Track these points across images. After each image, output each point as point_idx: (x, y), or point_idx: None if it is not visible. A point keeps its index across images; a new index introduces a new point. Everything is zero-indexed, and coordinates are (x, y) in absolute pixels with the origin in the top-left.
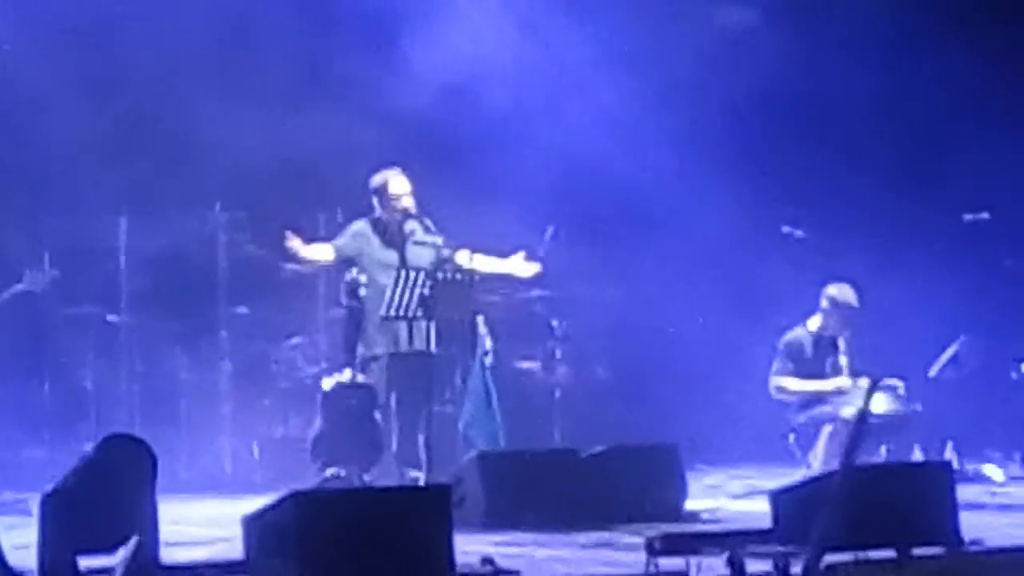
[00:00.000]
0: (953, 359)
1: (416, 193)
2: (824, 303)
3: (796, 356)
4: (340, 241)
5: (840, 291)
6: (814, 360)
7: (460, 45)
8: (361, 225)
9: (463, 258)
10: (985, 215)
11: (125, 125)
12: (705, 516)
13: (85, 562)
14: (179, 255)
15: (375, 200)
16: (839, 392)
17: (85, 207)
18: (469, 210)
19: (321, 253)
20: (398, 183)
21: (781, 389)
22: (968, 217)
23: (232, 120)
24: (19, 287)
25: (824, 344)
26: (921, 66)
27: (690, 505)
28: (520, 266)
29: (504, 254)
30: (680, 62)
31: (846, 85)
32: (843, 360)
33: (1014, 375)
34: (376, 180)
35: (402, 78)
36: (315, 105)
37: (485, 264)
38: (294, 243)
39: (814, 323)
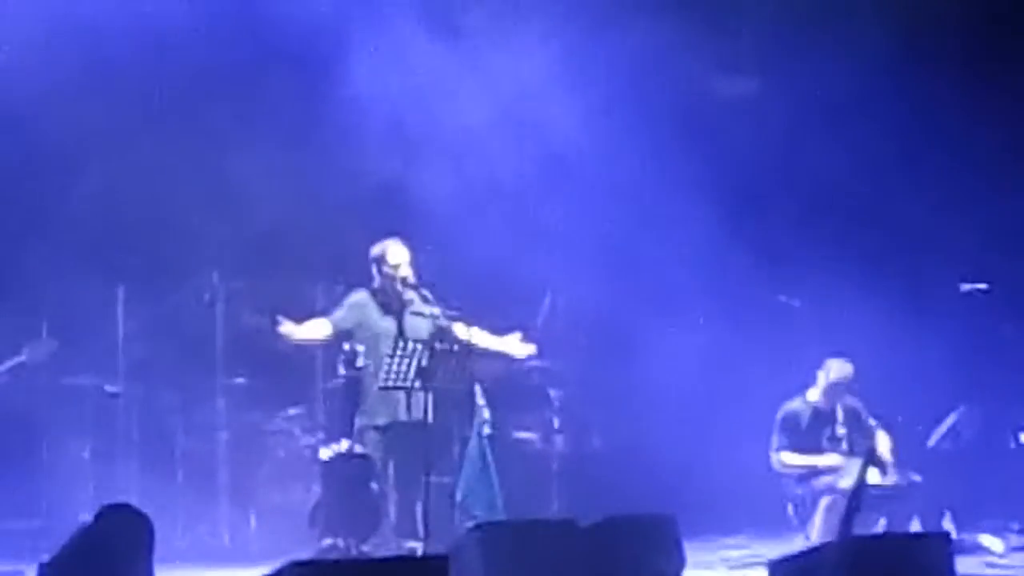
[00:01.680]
0: (951, 429)
1: (415, 263)
2: (820, 376)
3: (793, 429)
4: (338, 315)
5: (836, 365)
6: (811, 432)
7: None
8: (359, 296)
9: (460, 330)
10: (982, 285)
11: (122, 193)
12: None
13: None
14: (177, 324)
15: (374, 269)
16: (834, 467)
17: (83, 276)
18: (467, 279)
19: (317, 331)
20: (397, 252)
21: (782, 463)
22: (965, 287)
23: (231, 189)
24: (19, 359)
25: (821, 415)
26: (917, 133)
27: (688, 574)
28: (516, 346)
29: (501, 328)
30: (671, 132)
31: (840, 153)
32: (840, 430)
33: (1012, 444)
34: (375, 249)
35: (396, 147)
36: (313, 174)
37: (481, 339)
38: (286, 328)
39: (812, 394)
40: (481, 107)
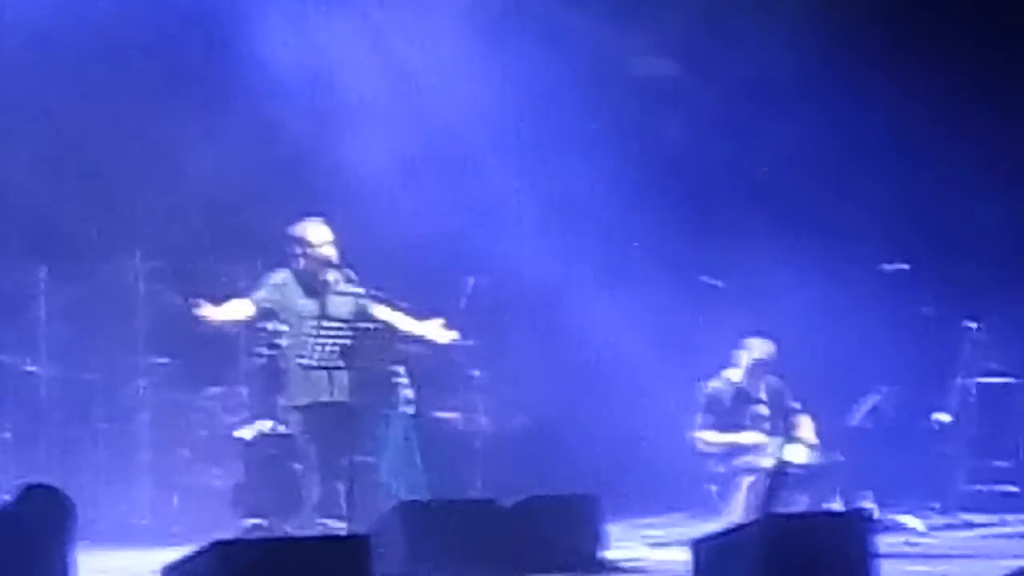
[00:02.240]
0: (872, 408)
1: (338, 243)
2: (743, 355)
3: (716, 407)
4: (259, 295)
5: (758, 344)
6: (733, 411)
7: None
8: (281, 275)
9: (382, 312)
10: (904, 266)
11: (46, 171)
12: (625, 566)
13: None
14: (97, 304)
15: (296, 248)
16: (756, 446)
17: (4, 256)
18: (391, 258)
19: (238, 311)
20: (319, 232)
21: (704, 442)
22: (887, 267)
23: (154, 168)
24: None
25: (743, 395)
26: (840, 114)
27: (611, 554)
28: (437, 332)
29: (423, 307)
30: (597, 113)
31: (762, 136)
32: (763, 410)
33: (932, 424)
34: (296, 230)
35: (322, 127)
36: (236, 153)
37: (403, 323)
38: (205, 310)
39: (733, 374)
40: (399, 84)
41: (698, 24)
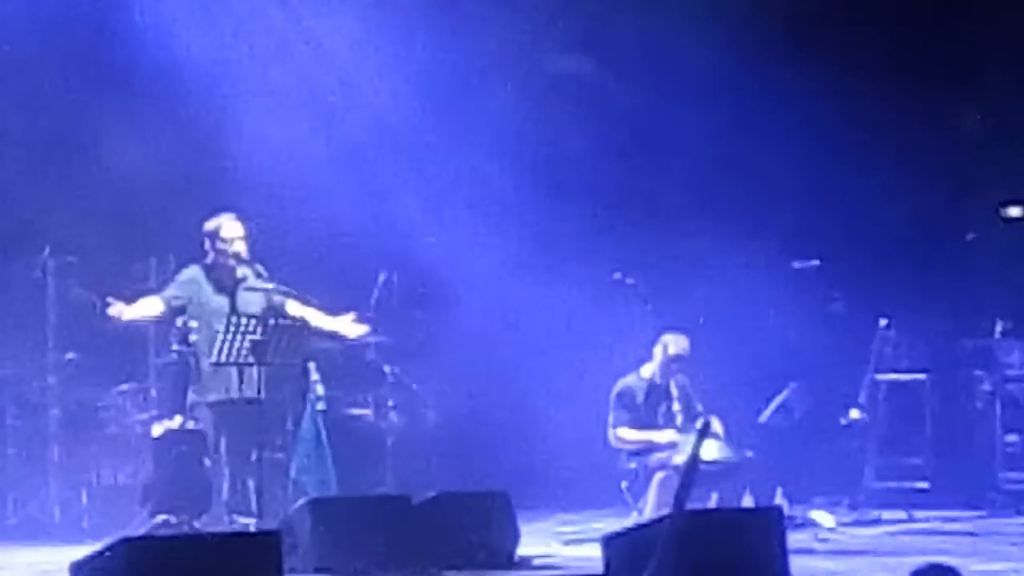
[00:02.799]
0: (783, 405)
1: (249, 238)
2: (657, 351)
3: (629, 404)
4: (169, 292)
5: (672, 339)
6: (646, 408)
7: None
8: (192, 271)
9: (293, 308)
10: (815, 262)
11: None
12: (537, 562)
13: None
14: (6, 299)
15: (207, 244)
16: (669, 443)
17: None
18: (301, 254)
19: (149, 308)
20: (231, 227)
21: (619, 439)
22: (797, 264)
23: (64, 162)
24: None
25: (657, 391)
26: (755, 112)
27: (522, 551)
28: (348, 327)
29: (334, 303)
30: (504, 110)
31: (677, 133)
32: (676, 406)
33: (843, 420)
34: (209, 225)
35: (232, 122)
36: (147, 148)
37: (314, 318)
38: (116, 309)
39: (647, 370)
40: (311, 77)
41: (612, 20)
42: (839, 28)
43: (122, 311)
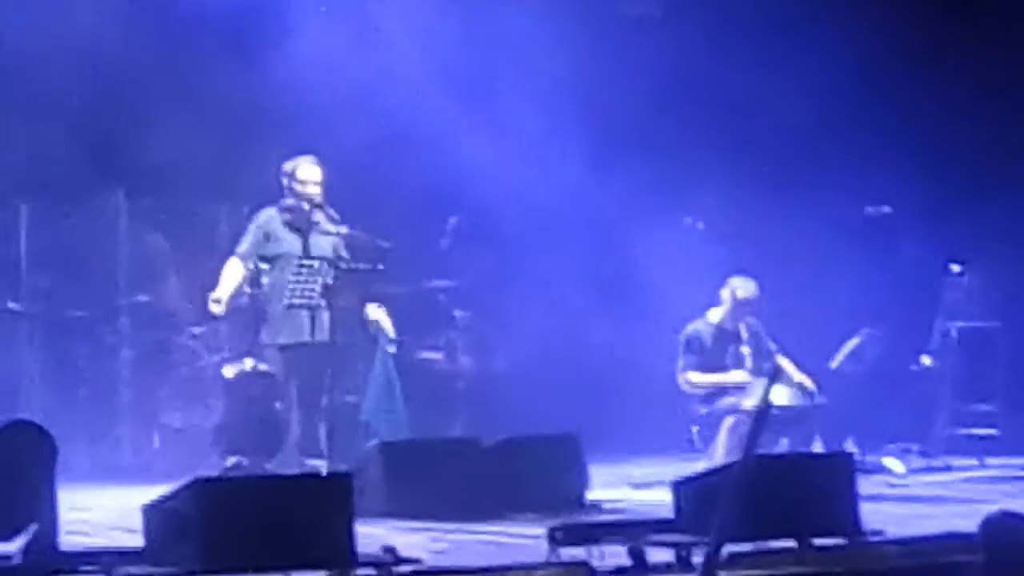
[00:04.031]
0: (854, 352)
1: (326, 184)
2: (725, 295)
3: (698, 349)
4: (244, 247)
5: (741, 283)
6: (715, 352)
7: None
8: (266, 214)
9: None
10: (886, 208)
11: (29, 110)
12: (607, 506)
13: None
14: (81, 242)
15: (285, 183)
16: (741, 385)
17: None
18: (374, 197)
19: (237, 276)
20: (309, 170)
21: (689, 383)
22: (869, 210)
23: (139, 107)
24: None
25: (725, 335)
26: (821, 57)
27: (592, 495)
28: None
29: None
30: (575, 54)
31: (745, 79)
32: (745, 350)
33: (914, 367)
34: (288, 165)
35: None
36: (218, 92)
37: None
38: (217, 306)
39: (715, 315)
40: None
41: None
42: None
43: (222, 297)
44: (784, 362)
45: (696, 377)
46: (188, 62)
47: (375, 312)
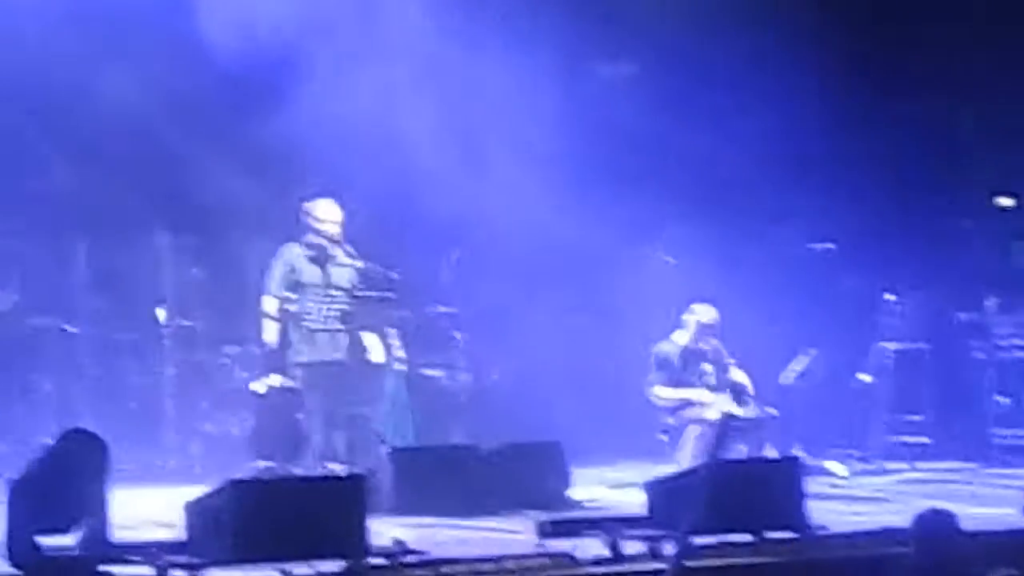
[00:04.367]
0: (802, 370)
1: (343, 222)
2: (689, 319)
3: (666, 366)
4: (273, 284)
5: (703, 309)
6: (681, 369)
7: (369, 102)
8: (290, 249)
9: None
10: (829, 245)
11: (87, 158)
12: (587, 504)
13: (46, 540)
14: (130, 274)
15: (306, 221)
16: (701, 401)
17: (50, 234)
18: (385, 235)
19: (272, 311)
20: (328, 210)
21: (657, 396)
22: (814, 246)
23: (181, 157)
24: None
25: (689, 354)
26: (772, 114)
27: (573, 494)
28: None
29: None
30: (559, 108)
31: (708, 132)
32: (707, 367)
33: (854, 383)
34: (308, 205)
35: (324, 126)
36: (254, 144)
37: None
38: (271, 341)
39: (680, 336)
40: (385, 77)
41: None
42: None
43: (270, 340)
44: (741, 376)
45: (663, 391)
46: (224, 116)
47: (386, 334)
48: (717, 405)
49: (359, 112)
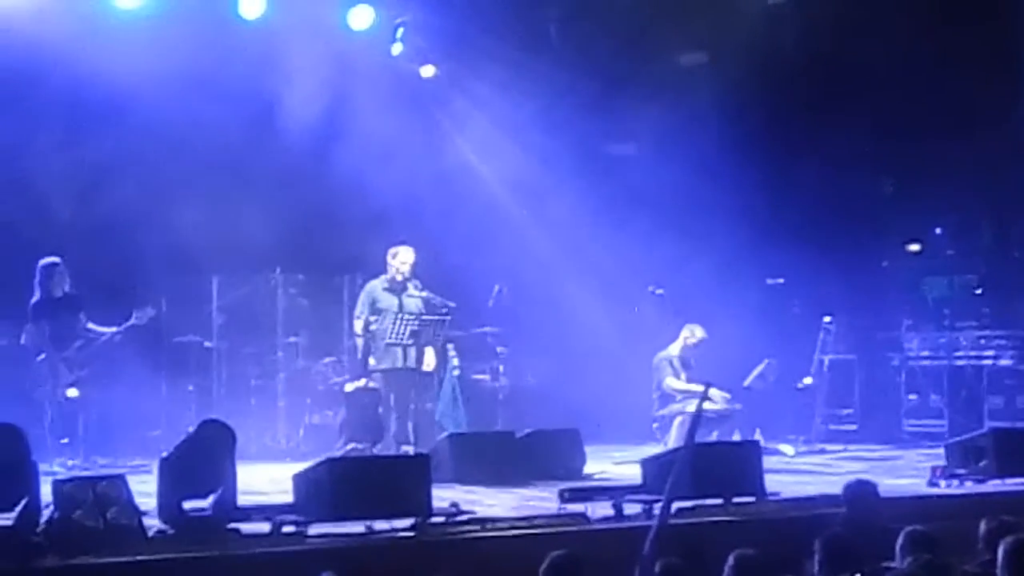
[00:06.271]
0: (760, 374)
1: (415, 262)
2: (685, 334)
3: (670, 367)
4: (360, 309)
5: (696, 329)
6: (678, 370)
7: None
8: (372, 284)
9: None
10: (780, 279)
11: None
12: (597, 476)
13: (188, 504)
14: (252, 302)
15: (388, 261)
16: (700, 393)
17: (190, 269)
18: (444, 271)
19: (360, 334)
20: (404, 254)
21: (670, 387)
22: (769, 281)
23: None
24: (131, 322)
25: (681, 363)
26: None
27: (587, 469)
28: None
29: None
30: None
31: (688, 191)
32: (693, 372)
33: (799, 385)
34: (392, 250)
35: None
36: (348, 202)
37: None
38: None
39: (674, 348)
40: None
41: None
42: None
43: (370, 363)
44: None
45: (675, 383)
46: (324, 176)
47: (445, 348)
48: (714, 394)
49: (431, 182)
